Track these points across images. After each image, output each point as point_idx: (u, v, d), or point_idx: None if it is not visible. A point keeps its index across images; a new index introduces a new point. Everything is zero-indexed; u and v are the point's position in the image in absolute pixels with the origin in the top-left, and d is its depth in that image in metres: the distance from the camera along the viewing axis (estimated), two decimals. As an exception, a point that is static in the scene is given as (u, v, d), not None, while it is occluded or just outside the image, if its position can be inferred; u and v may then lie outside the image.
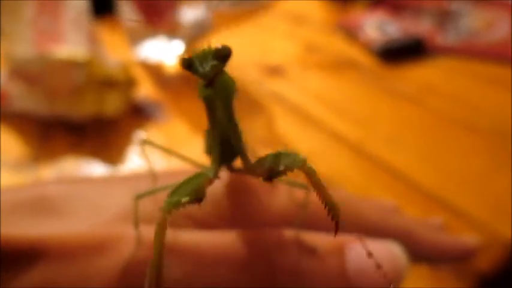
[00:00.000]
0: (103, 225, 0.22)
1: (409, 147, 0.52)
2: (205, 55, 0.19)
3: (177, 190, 0.18)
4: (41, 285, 0.19)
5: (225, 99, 0.20)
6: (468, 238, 0.28)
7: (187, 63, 0.19)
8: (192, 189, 0.18)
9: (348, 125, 0.56)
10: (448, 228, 0.29)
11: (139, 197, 0.21)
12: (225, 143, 0.21)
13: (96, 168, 0.50)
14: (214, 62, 0.18)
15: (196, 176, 0.19)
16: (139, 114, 0.60)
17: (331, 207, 0.17)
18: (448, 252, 0.27)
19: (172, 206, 0.17)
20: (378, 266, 0.18)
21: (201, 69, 0.19)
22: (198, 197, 0.18)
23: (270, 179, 0.19)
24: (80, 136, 0.56)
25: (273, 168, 0.18)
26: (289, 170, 0.18)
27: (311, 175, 0.17)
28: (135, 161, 0.51)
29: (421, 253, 0.25)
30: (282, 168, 0.18)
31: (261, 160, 0.20)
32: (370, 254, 0.18)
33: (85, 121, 0.57)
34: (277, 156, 0.19)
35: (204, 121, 0.21)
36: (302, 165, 0.17)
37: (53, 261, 0.19)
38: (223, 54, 0.18)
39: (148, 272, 0.17)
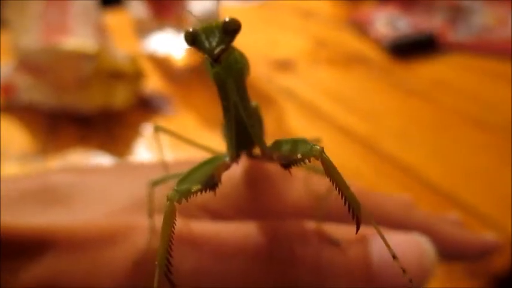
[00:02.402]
0: (114, 215, 0.21)
1: (419, 142, 0.51)
2: (212, 29, 0.17)
3: (187, 177, 0.17)
4: (51, 276, 0.18)
5: (236, 78, 0.18)
6: (489, 236, 0.27)
7: (192, 38, 0.17)
8: (205, 176, 0.17)
9: (358, 120, 0.56)
10: (468, 226, 0.29)
11: (155, 184, 0.20)
12: (239, 126, 0.19)
13: (103, 161, 0.50)
14: (222, 37, 0.17)
15: (211, 161, 0.18)
16: (147, 107, 0.60)
17: (351, 202, 0.16)
18: (469, 250, 0.26)
19: (182, 194, 0.16)
20: (403, 262, 0.17)
21: (207, 45, 0.17)
22: (211, 183, 0.17)
23: (288, 167, 0.18)
24: (87, 128, 0.56)
25: (290, 156, 0.17)
26: (306, 159, 0.17)
27: (328, 166, 0.16)
28: (142, 153, 0.51)
29: (442, 249, 0.24)
30: (299, 156, 0.17)
31: (277, 145, 0.19)
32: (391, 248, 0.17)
33: (92, 113, 0.56)
34: (294, 144, 0.18)
35: (212, 114, 0.21)
36: (319, 155, 0.16)
37: (63, 252, 0.19)
38: (232, 29, 0.17)
39: (157, 264, 0.16)
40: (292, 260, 0.20)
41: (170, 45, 0.71)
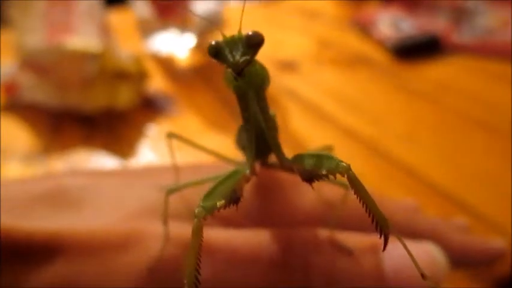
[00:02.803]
0: (126, 220, 0.21)
1: (423, 145, 0.51)
2: (236, 42, 0.17)
3: (211, 192, 0.17)
4: (60, 281, 0.18)
5: (257, 90, 0.18)
6: (496, 241, 0.27)
7: (215, 51, 0.17)
8: (228, 190, 0.17)
9: (362, 122, 0.55)
10: (472, 230, 0.28)
11: (170, 192, 0.20)
12: (259, 136, 0.19)
13: (106, 161, 0.50)
14: (246, 51, 0.17)
15: (233, 174, 0.18)
16: (150, 107, 0.60)
17: (379, 220, 0.16)
18: (477, 255, 0.26)
19: (208, 211, 0.16)
20: (417, 267, 0.16)
21: (230, 59, 0.17)
22: (235, 197, 0.17)
23: (310, 181, 0.17)
24: (90, 128, 0.56)
25: (314, 171, 0.17)
26: (331, 175, 0.17)
27: (355, 183, 0.16)
28: (146, 153, 0.51)
29: (450, 255, 0.23)
30: (324, 172, 0.17)
31: (299, 159, 0.18)
32: (409, 254, 0.16)
33: (96, 113, 0.56)
34: (318, 159, 0.17)
35: (215, 114, 0.20)
36: (345, 171, 0.16)
37: (72, 257, 0.18)
38: (255, 42, 0.17)
39: (186, 282, 0.15)
40: (306, 268, 0.20)
41: (174, 45, 0.71)
